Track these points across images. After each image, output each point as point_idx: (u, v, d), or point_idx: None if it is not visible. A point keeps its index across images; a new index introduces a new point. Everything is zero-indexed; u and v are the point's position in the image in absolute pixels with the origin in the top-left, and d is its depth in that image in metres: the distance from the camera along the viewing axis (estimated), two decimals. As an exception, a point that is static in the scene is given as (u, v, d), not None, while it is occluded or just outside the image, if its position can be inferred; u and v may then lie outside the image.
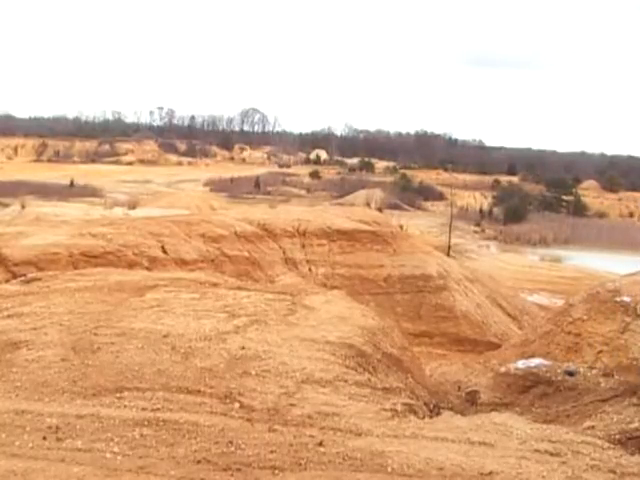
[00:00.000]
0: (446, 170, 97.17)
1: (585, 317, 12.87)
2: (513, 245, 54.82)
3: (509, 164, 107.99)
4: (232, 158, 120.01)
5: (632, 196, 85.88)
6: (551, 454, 6.16)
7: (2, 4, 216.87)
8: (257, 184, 78.71)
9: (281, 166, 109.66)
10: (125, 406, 6.52)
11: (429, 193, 79.92)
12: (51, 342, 8.03)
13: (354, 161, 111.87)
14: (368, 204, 59.10)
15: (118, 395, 6.73)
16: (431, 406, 8.64)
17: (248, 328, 8.80)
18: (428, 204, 74.79)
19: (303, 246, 21.49)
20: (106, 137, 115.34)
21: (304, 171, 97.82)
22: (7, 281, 13.56)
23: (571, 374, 10.77)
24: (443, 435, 6.45)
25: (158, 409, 6.48)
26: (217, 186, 76.62)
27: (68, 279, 11.70)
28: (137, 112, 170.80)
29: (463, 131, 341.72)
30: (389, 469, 5.68)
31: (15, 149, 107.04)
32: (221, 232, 19.92)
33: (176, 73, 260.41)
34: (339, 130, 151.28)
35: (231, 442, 5.92)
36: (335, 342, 8.50)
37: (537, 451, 6.20)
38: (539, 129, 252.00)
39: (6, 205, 43.00)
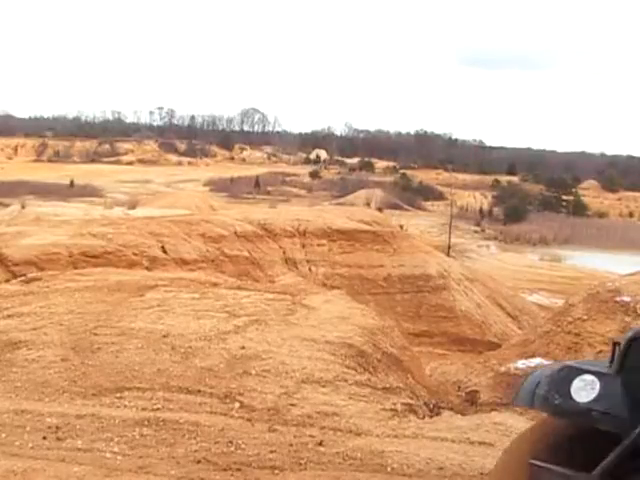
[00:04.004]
0: (446, 170, 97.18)
1: (585, 317, 12.87)
2: (513, 245, 54.85)
3: (509, 164, 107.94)
4: (232, 158, 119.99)
5: (632, 196, 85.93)
6: (551, 454, 6.15)
7: (2, 4, 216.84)
8: (257, 184, 78.74)
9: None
10: (125, 406, 6.52)
11: (429, 193, 80.00)
12: (51, 342, 8.03)
13: (354, 161, 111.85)
14: (368, 204, 59.14)
15: (118, 395, 6.73)
16: (431, 406, 8.64)
17: (248, 328, 8.80)
18: (428, 204, 74.86)
19: (303, 246, 21.49)
20: (106, 137, 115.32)
21: (304, 171, 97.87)
22: (7, 281, 13.56)
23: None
24: (443, 435, 6.45)
25: (158, 409, 6.48)
26: (217, 186, 76.69)
27: (68, 279, 11.70)
28: (137, 112, 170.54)
29: (463, 131, 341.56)
30: (389, 469, 5.68)
31: (15, 149, 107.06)
32: (221, 232, 19.92)
33: (176, 73, 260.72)
34: (339, 130, 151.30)
35: (231, 442, 5.92)
36: (335, 342, 8.50)
37: (537, 451, 6.20)
38: (539, 129, 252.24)
39: (6, 205, 42.98)
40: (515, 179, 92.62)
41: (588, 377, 3.47)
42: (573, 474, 3.36)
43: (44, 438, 5.84)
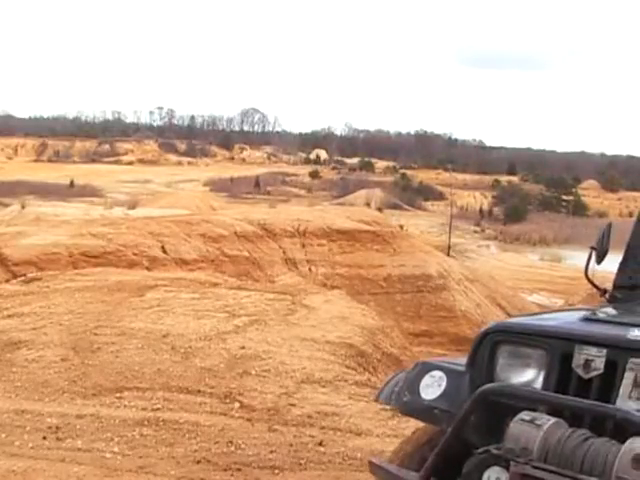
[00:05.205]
0: (446, 170, 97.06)
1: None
2: (513, 245, 54.83)
3: (509, 164, 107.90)
4: (232, 158, 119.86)
5: (632, 196, 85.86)
6: (551, 454, 6.14)
7: (2, 4, 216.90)
8: (257, 184, 78.76)
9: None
10: (125, 406, 6.52)
11: (429, 193, 79.99)
12: (51, 342, 8.03)
13: (354, 161, 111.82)
14: (368, 204, 59.13)
15: (118, 395, 6.73)
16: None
17: (248, 328, 8.80)
18: (428, 204, 74.85)
19: (303, 246, 21.49)
20: (106, 137, 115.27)
21: (304, 171, 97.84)
22: (7, 281, 13.57)
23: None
24: (443, 435, 6.44)
25: (158, 409, 6.48)
26: (217, 186, 76.58)
27: (68, 279, 11.71)
28: (137, 112, 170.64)
29: (463, 131, 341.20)
30: (389, 469, 5.67)
31: (15, 149, 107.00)
32: (221, 232, 19.91)
33: (176, 73, 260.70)
34: (339, 130, 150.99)
35: (231, 442, 5.92)
36: (335, 342, 8.51)
37: (537, 451, 6.18)
38: (539, 129, 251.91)
39: (6, 205, 42.93)
40: (515, 179, 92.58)
41: (437, 373, 3.27)
42: (401, 473, 3.14)
43: (44, 438, 5.83)
